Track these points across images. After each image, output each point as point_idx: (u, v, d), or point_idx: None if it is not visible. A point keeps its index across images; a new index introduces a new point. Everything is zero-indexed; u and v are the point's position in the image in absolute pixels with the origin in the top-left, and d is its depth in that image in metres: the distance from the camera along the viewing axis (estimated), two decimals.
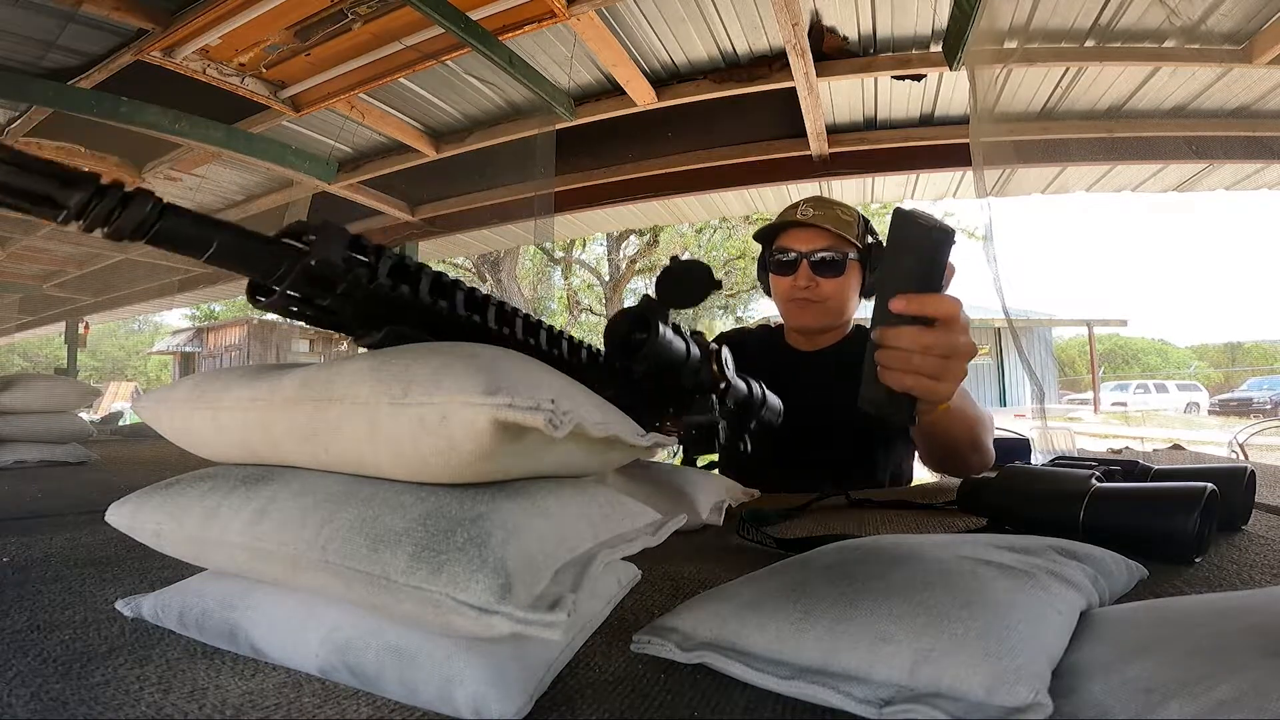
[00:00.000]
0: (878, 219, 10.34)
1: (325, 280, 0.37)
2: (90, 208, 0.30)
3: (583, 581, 0.33)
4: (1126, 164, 3.15)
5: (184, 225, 0.33)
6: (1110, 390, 18.46)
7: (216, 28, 2.31)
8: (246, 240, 0.35)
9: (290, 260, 0.36)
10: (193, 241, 0.34)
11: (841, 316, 1.26)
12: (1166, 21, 2.25)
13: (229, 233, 0.34)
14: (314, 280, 0.37)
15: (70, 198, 0.30)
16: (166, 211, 0.32)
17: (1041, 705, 0.28)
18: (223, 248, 0.34)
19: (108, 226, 0.31)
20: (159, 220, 0.32)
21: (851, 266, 1.22)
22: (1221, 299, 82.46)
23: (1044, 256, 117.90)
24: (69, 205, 0.30)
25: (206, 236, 0.34)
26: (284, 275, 0.36)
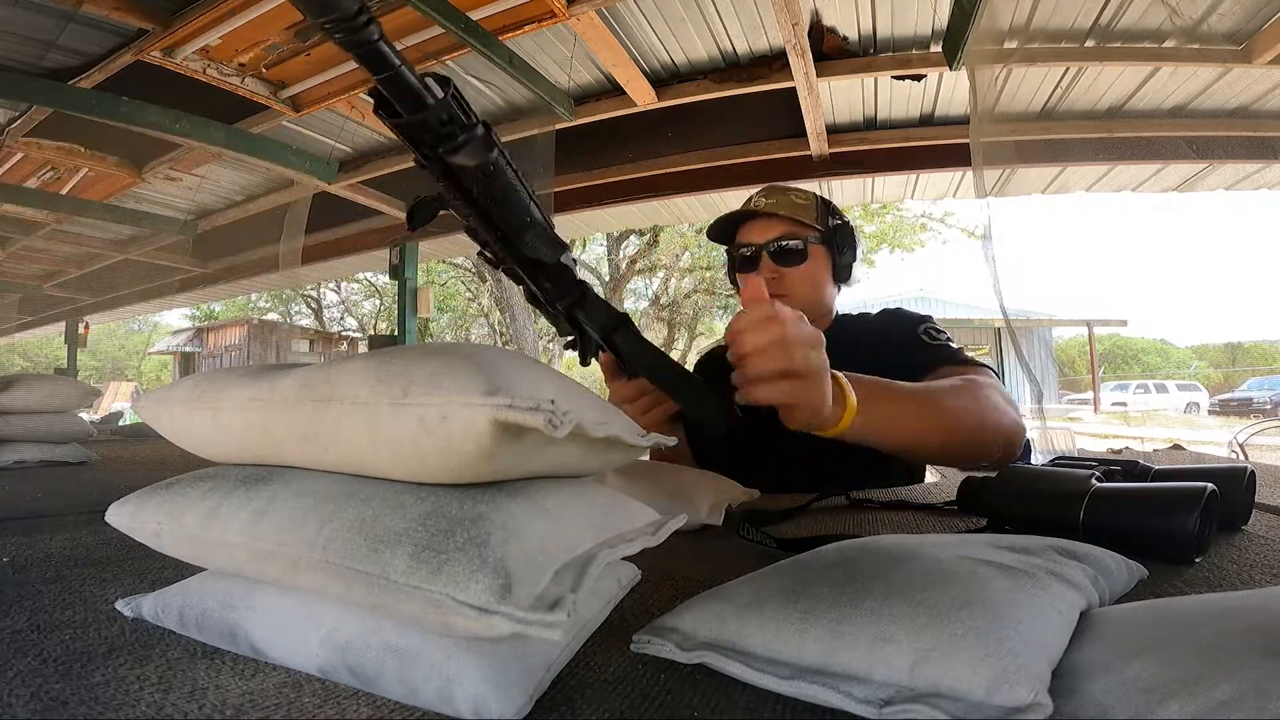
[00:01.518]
0: (878, 219, 10.21)
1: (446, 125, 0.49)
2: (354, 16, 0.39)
3: (583, 581, 0.33)
4: (1126, 164, 3.15)
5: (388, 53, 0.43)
6: (1110, 390, 18.47)
7: (216, 28, 2.31)
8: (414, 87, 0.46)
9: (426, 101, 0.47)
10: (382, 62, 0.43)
11: (818, 306, 1.18)
12: (1166, 21, 2.25)
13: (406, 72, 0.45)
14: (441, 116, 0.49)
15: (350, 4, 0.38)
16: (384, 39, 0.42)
17: (1041, 705, 0.28)
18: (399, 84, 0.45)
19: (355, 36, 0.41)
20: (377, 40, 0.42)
21: (815, 252, 1.16)
22: (1221, 299, 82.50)
23: (1044, 256, 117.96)
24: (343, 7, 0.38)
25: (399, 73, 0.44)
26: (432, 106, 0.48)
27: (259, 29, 2.37)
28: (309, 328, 16.86)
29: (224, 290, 7.11)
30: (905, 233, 10.24)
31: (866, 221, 9.98)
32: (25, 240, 4.73)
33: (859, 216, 9.78)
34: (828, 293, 1.20)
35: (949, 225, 10.14)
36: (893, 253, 10.42)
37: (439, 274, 13.33)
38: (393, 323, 11.94)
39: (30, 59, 2.51)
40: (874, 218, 9.93)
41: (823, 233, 1.16)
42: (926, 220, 10.13)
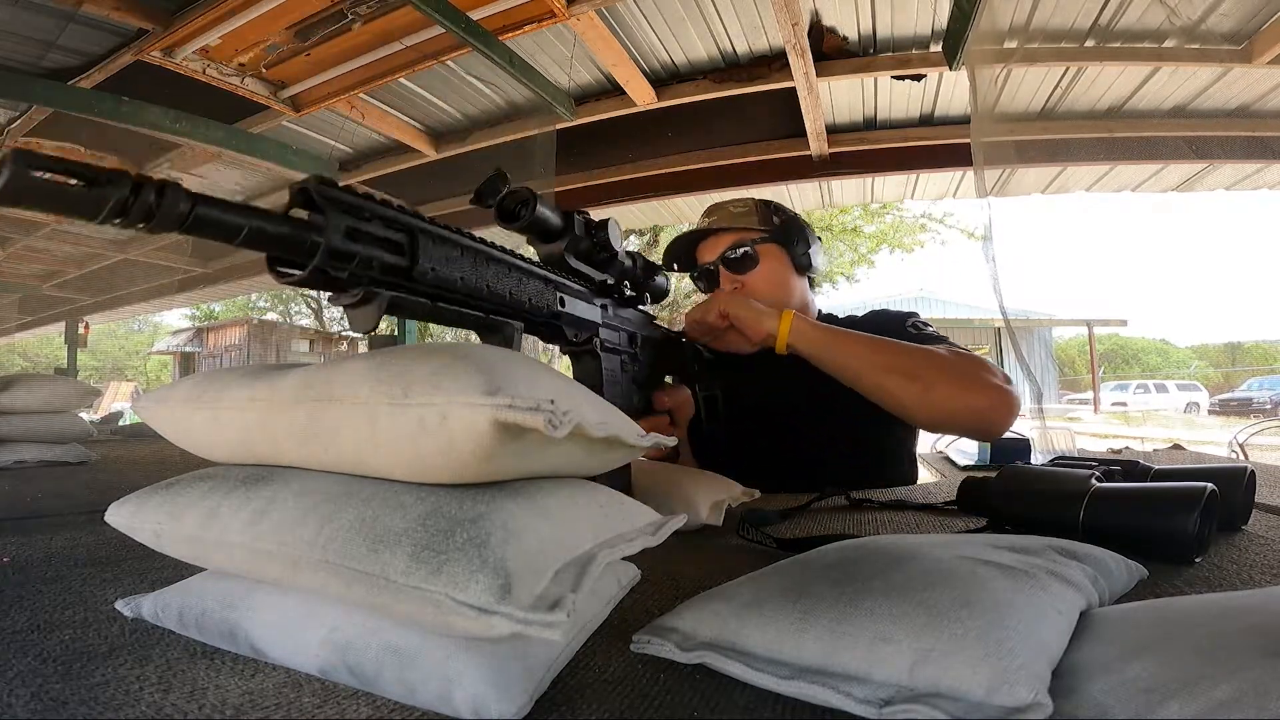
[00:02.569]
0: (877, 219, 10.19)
1: (342, 258, 0.39)
2: (129, 205, 0.31)
3: (583, 582, 0.33)
4: (1126, 164, 3.15)
5: (216, 213, 0.34)
6: (1110, 390, 18.46)
7: (216, 28, 2.31)
8: (271, 225, 0.37)
9: (310, 243, 0.38)
10: (225, 229, 0.35)
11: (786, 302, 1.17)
12: (1166, 21, 2.25)
13: (258, 218, 0.36)
14: (334, 257, 0.39)
15: (109, 197, 0.30)
16: (200, 201, 0.33)
17: (1041, 705, 0.28)
18: (251, 233, 0.35)
19: (149, 221, 0.32)
20: (193, 210, 0.33)
21: (767, 251, 1.19)
22: (1221, 299, 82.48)
23: (1044, 256, 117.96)
24: (108, 204, 0.30)
25: (237, 224, 0.35)
26: (305, 261, 0.38)
27: (259, 29, 2.37)
28: (309, 328, 16.86)
29: (224, 290, 7.10)
30: (905, 233, 10.23)
31: (866, 222, 9.97)
32: (25, 240, 4.73)
33: (859, 217, 9.78)
34: (794, 288, 1.22)
35: (948, 226, 10.13)
36: (892, 253, 10.42)
37: None
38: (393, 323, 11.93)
39: (30, 59, 2.51)
40: (874, 218, 9.93)
41: (769, 232, 1.19)
42: (926, 221, 10.12)
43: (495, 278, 0.52)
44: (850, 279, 11.58)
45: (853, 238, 10.06)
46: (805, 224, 1.25)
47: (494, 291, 0.52)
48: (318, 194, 0.39)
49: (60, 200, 0.29)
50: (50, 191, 0.28)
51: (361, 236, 0.40)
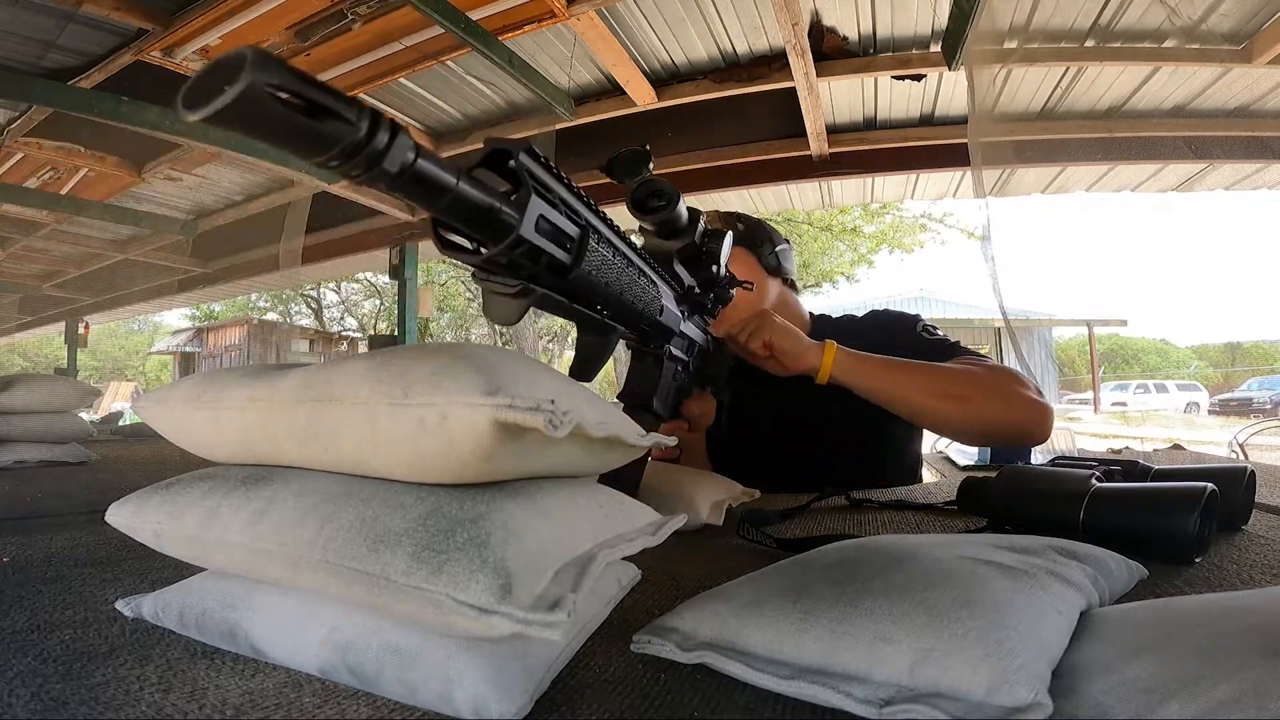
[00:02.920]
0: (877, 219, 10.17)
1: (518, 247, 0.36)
2: (360, 148, 0.26)
3: (583, 582, 0.33)
4: (1126, 164, 3.15)
5: (433, 169, 0.30)
6: (1110, 390, 18.47)
7: (216, 28, 2.31)
8: (476, 194, 0.32)
9: (503, 226, 0.34)
10: (434, 188, 0.30)
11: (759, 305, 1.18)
12: (1166, 21, 2.25)
13: (466, 182, 0.32)
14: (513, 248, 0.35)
15: (342, 137, 0.25)
16: (422, 153, 0.29)
17: (1041, 705, 0.28)
18: (454, 199, 0.31)
19: (371, 170, 0.27)
20: (415, 161, 0.29)
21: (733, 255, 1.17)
22: (1221, 299, 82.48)
23: (1044, 256, 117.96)
24: (339, 145, 0.25)
25: (446, 183, 0.31)
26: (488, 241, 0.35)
27: (259, 29, 2.37)
28: (309, 328, 16.85)
29: (224, 290, 7.11)
30: (905, 233, 10.23)
31: (866, 222, 9.97)
32: (25, 240, 4.73)
33: (859, 217, 9.78)
34: (767, 290, 1.20)
35: (948, 226, 10.14)
36: (892, 253, 10.42)
37: (439, 274, 13.33)
38: (393, 323, 11.93)
39: (30, 59, 2.51)
40: (874, 218, 9.93)
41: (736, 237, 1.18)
42: (926, 221, 10.12)
43: (629, 283, 0.49)
44: (850, 279, 11.59)
45: (853, 238, 10.06)
46: (770, 228, 1.25)
47: (624, 298, 0.49)
48: (523, 169, 0.34)
49: (283, 132, 0.24)
50: (277, 121, 0.23)
51: (543, 226, 0.37)
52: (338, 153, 0.25)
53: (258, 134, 0.23)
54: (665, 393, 0.73)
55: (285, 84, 0.22)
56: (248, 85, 0.21)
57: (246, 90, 0.21)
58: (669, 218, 0.63)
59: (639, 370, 0.71)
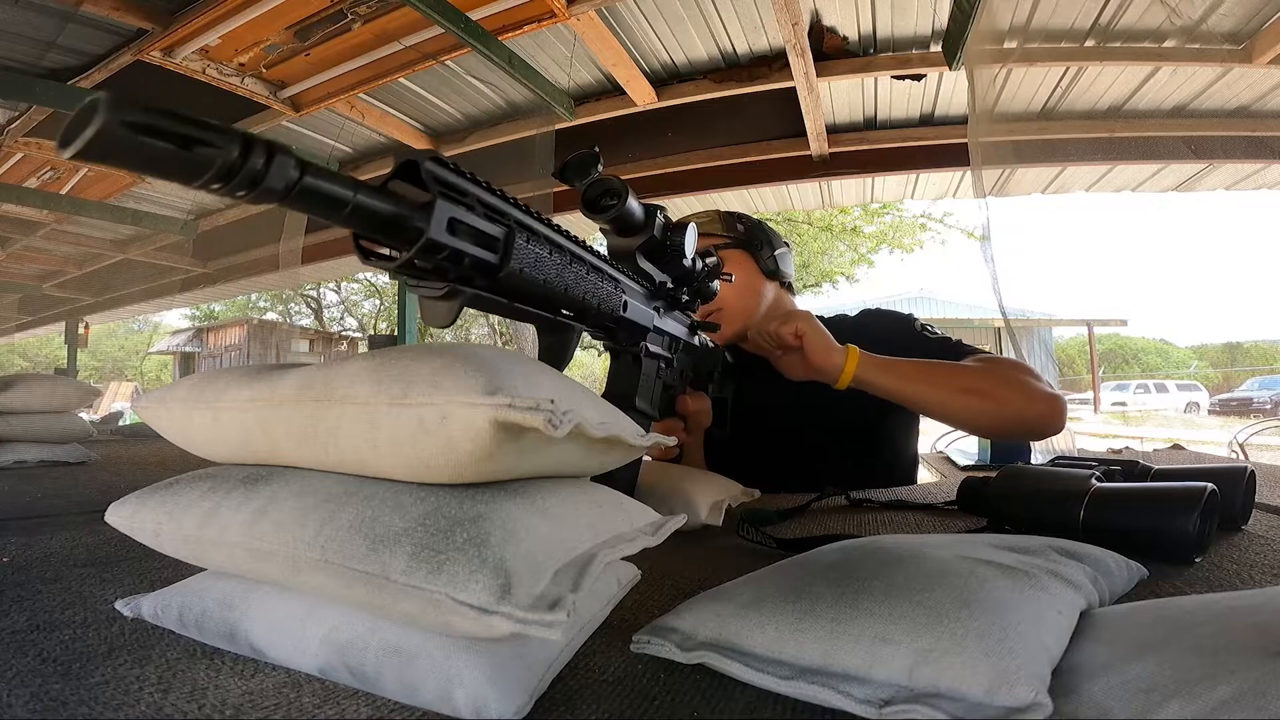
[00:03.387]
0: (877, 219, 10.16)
1: (436, 250, 0.36)
2: (235, 170, 0.27)
3: (582, 582, 0.33)
4: (1126, 164, 3.15)
5: (323, 184, 0.30)
6: (1110, 390, 18.46)
7: (216, 28, 2.31)
8: (376, 202, 0.33)
9: (411, 230, 0.35)
10: (329, 202, 0.31)
11: (751, 311, 1.17)
12: (1166, 21, 2.25)
13: (364, 193, 0.32)
14: (429, 249, 0.36)
15: (214, 161, 0.26)
16: (308, 170, 0.29)
17: (1041, 705, 0.28)
18: (354, 209, 0.32)
19: (252, 190, 0.28)
20: (301, 178, 0.29)
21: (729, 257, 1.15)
22: (1221, 299, 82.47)
23: (1044, 256, 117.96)
24: (212, 169, 0.26)
25: (342, 197, 0.31)
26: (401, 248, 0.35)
27: (259, 29, 2.37)
28: (309, 328, 16.85)
29: (224, 290, 7.10)
30: (905, 233, 10.23)
31: (866, 222, 9.97)
32: (25, 240, 4.73)
33: (859, 217, 9.78)
34: (764, 293, 1.19)
35: (948, 226, 10.13)
36: (892, 253, 10.42)
37: None
38: (393, 323, 11.92)
39: (30, 59, 2.51)
40: (874, 218, 9.93)
41: (732, 238, 1.18)
42: (926, 221, 10.12)
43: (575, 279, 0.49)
44: (850, 279, 11.58)
45: (853, 238, 10.06)
46: (771, 230, 1.24)
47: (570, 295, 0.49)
48: (429, 175, 0.35)
49: (154, 161, 0.25)
50: (144, 152, 0.24)
51: (459, 228, 0.37)
52: (213, 176, 0.26)
53: (131, 165, 0.24)
54: (648, 391, 0.72)
55: (143, 120, 0.24)
56: (103, 125, 0.23)
57: (103, 129, 0.23)
58: (621, 213, 0.62)
59: (617, 369, 0.70)
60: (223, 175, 0.26)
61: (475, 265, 0.39)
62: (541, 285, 0.45)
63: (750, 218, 1.25)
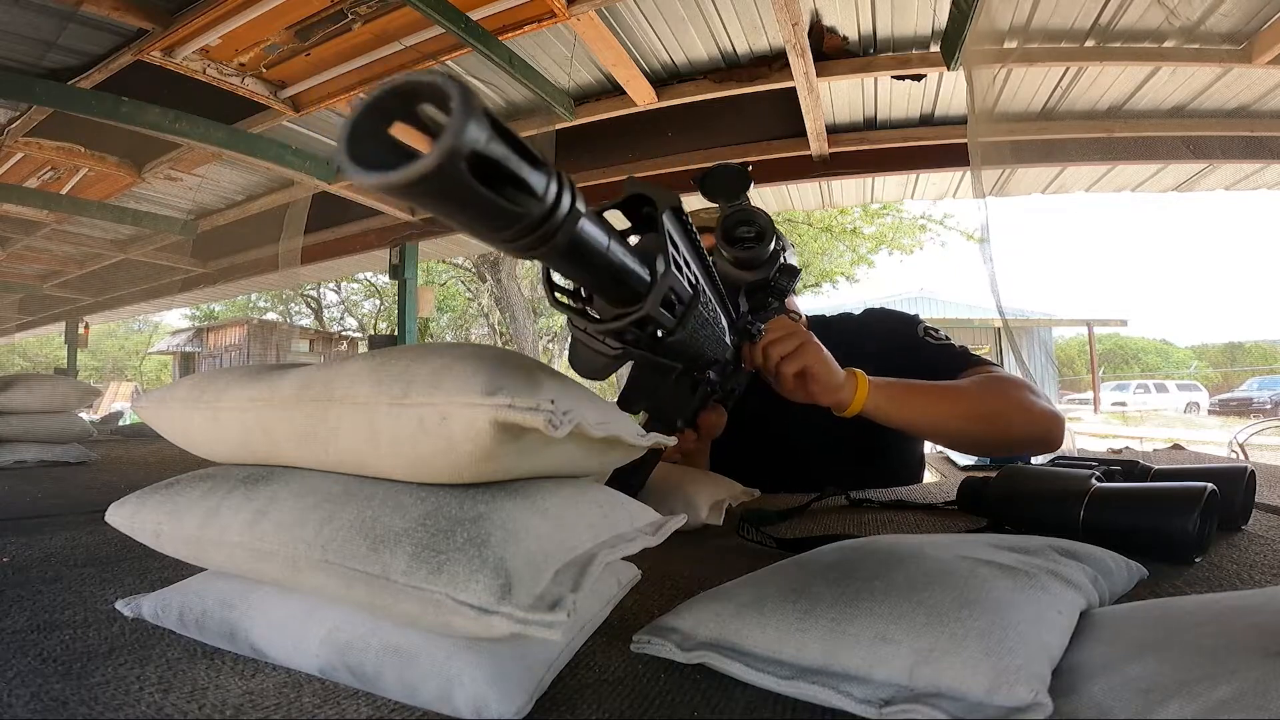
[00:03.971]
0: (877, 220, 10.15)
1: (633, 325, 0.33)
2: (541, 223, 0.21)
3: (583, 582, 0.33)
4: (1126, 164, 3.15)
5: (594, 232, 0.25)
6: (1110, 390, 18.46)
7: (216, 28, 2.31)
8: (625, 259, 0.29)
9: (635, 295, 0.31)
10: (591, 255, 0.26)
11: None
12: (1166, 21, 2.25)
13: (616, 242, 0.27)
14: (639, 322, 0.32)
15: (528, 213, 0.21)
16: (586, 217, 0.24)
17: (1041, 705, 0.28)
18: (606, 264, 0.27)
19: (544, 246, 0.22)
20: (579, 227, 0.24)
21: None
22: (1221, 299, 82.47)
23: (1043, 256, 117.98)
24: (522, 223, 0.21)
25: (602, 247, 0.26)
26: (621, 309, 0.32)
27: (259, 29, 2.37)
28: (309, 328, 16.85)
29: (224, 290, 7.10)
30: (904, 234, 10.23)
31: (866, 222, 9.97)
32: (25, 240, 4.73)
33: (859, 217, 9.78)
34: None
35: (948, 227, 10.13)
36: (892, 254, 10.42)
37: (439, 274, 13.33)
38: (393, 323, 11.92)
39: (30, 59, 2.51)
40: (874, 218, 9.92)
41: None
42: (925, 221, 10.12)
43: (710, 336, 0.46)
44: (850, 279, 11.58)
45: (853, 238, 10.06)
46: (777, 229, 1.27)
47: (704, 351, 0.46)
48: (665, 233, 0.30)
49: (470, 209, 0.19)
50: (468, 195, 0.18)
51: (666, 299, 0.33)
52: (518, 229, 0.21)
53: (432, 207, 0.18)
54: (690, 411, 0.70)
55: (491, 151, 0.17)
56: (451, 151, 0.15)
57: (448, 159, 0.15)
58: (756, 254, 0.59)
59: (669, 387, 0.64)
60: (529, 229, 0.21)
61: (656, 331, 0.35)
62: (692, 347, 0.41)
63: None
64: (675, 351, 0.41)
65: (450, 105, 0.16)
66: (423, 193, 0.16)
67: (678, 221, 0.33)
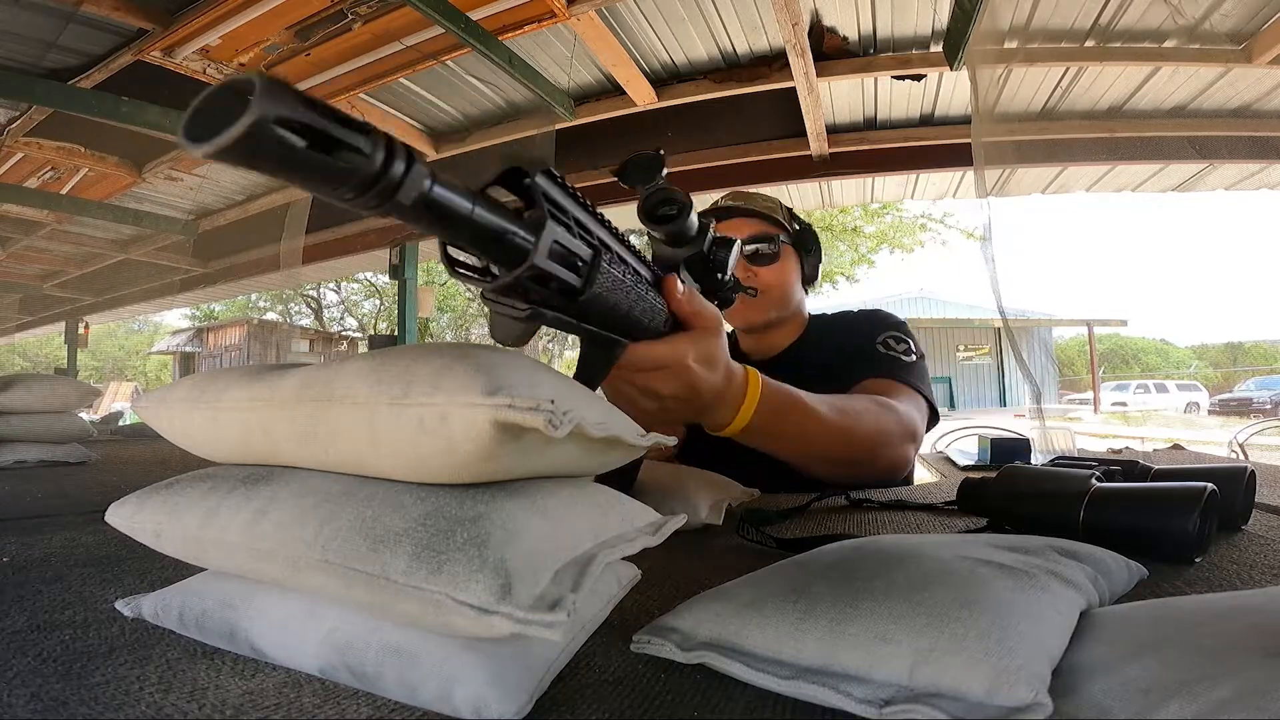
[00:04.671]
0: (877, 219, 10.17)
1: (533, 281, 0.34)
2: (376, 180, 0.24)
3: (583, 582, 0.33)
4: (1127, 164, 3.15)
5: (450, 196, 0.28)
6: (1110, 390, 18.46)
7: (216, 28, 2.31)
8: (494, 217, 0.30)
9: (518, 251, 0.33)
10: (452, 216, 0.28)
11: (787, 307, 1.21)
12: (1167, 21, 2.25)
13: (481, 205, 0.29)
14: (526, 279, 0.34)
15: (357, 170, 0.23)
16: (436, 181, 0.27)
17: (1041, 705, 0.28)
18: (472, 224, 0.29)
19: (386, 202, 0.25)
20: (431, 189, 0.26)
21: (786, 252, 1.19)
22: (1221, 299, 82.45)
23: (1044, 256, 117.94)
24: (353, 179, 0.23)
25: (464, 210, 0.29)
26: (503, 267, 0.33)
27: (259, 29, 2.37)
28: (309, 328, 16.86)
29: (224, 290, 7.11)
30: (905, 233, 10.24)
31: (866, 222, 9.98)
32: (25, 240, 4.73)
33: (859, 217, 9.79)
34: (794, 294, 1.21)
35: (948, 226, 10.14)
36: (892, 253, 10.42)
37: (439, 274, 13.33)
38: (393, 323, 11.92)
39: (30, 59, 2.51)
40: (874, 218, 9.93)
41: (791, 234, 1.19)
42: (926, 221, 10.12)
43: (637, 299, 0.47)
44: (850, 279, 11.59)
45: (853, 238, 10.07)
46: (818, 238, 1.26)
47: (631, 314, 0.47)
48: (538, 190, 0.33)
49: (294, 166, 0.22)
50: (287, 157, 0.21)
51: (555, 250, 0.35)
52: (351, 186, 0.24)
53: (266, 168, 0.21)
54: None
55: (298, 119, 0.20)
56: (253, 123, 0.19)
57: (253, 128, 0.19)
58: (680, 228, 0.60)
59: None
60: (362, 186, 0.24)
61: (562, 289, 0.37)
62: (612, 307, 0.43)
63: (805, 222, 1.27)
64: (596, 314, 0.43)
65: (256, 87, 0.19)
66: (246, 155, 0.20)
67: (553, 183, 0.34)
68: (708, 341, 0.60)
